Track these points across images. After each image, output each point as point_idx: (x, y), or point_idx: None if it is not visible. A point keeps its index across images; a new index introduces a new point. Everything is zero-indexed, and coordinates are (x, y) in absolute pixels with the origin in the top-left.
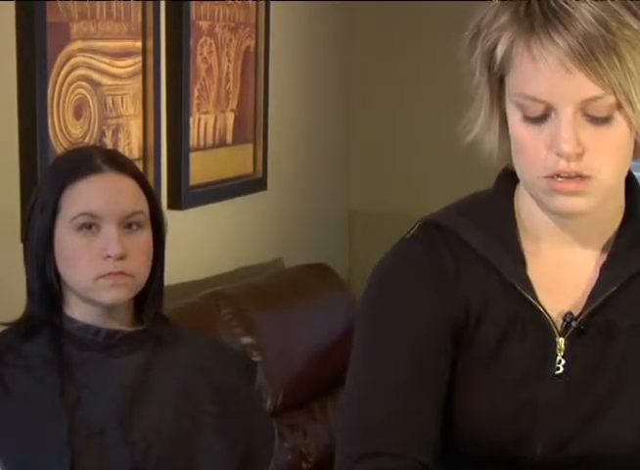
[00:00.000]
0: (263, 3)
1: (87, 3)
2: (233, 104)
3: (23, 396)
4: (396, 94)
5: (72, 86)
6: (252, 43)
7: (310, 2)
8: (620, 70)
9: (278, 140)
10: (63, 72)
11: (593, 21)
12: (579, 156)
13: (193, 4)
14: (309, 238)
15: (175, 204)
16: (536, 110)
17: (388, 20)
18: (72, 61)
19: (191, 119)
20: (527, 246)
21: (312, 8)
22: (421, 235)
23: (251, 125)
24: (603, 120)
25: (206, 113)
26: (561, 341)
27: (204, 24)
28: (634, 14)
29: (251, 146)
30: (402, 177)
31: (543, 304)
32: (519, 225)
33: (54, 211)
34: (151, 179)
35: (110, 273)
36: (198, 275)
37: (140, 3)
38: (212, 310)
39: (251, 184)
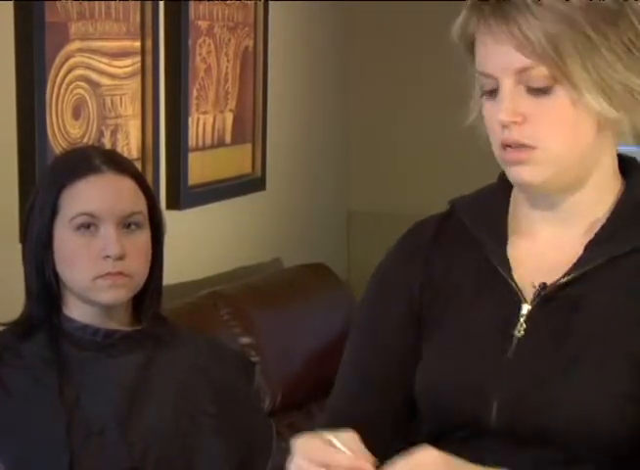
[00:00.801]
0: (262, 3)
1: (86, 3)
2: (232, 104)
3: (22, 395)
4: (395, 94)
5: (71, 86)
6: (251, 43)
7: (309, 2)
8: (550, 44)
9: (277, 140)
10: (61, 73)
11: None
12: (520, 125)
13: (191, 4)
14: (308, 238)
15: (174, 204)
16: (490, 84)
17: (387, 20)
18: (71, 61)
19: (190, 119)
20: (516, 226)
21: (311, 8)
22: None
23: (250, 125)
24: (542, 92)
25: (205, 113)
26: (525, 307)
27: (202, 24)
28: None
29: (249, 146)
30: (401, 178)
31: (519, 277)
32: (511, 208)
33: (53, 212)
34: (149, 179)
35: (108, 273)
36: (196, 275)
37: (139, 3)
38: (211, 310)
39: (249, 184)
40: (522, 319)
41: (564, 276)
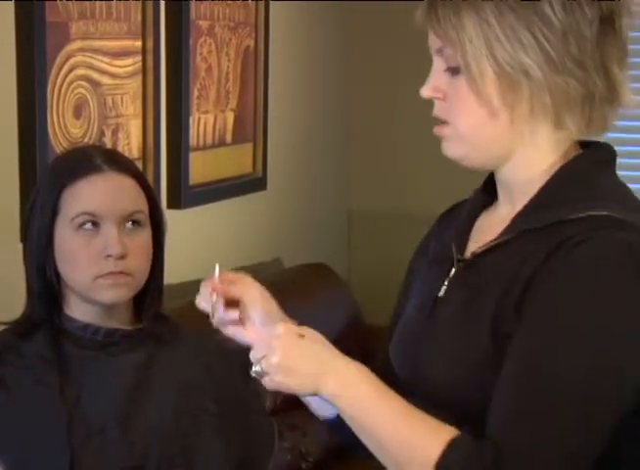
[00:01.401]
0: (263, 3)
1: (87, 3)
2: (233, 103)
3: (23, 395)
4: (395, 94)
5: (72, 86)
6: (252, 43)
7: (310, 2)
8: (453, 28)
9: (278, 140)
10: (62, 72)
11: None
12: (441, 101)
13: (192, 4)
14: (309, 238)
15: (175, 203)
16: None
17: (387, 20)
18: (72, 60)
19: (190, 119)
20: (500, 203)
21: (311, 8)
22: None
23: (251, 125)
24: (454, 71)
25: (206, 112)
26: (452, 272)
27: (203, 24)
28: None
29: (250, 145)
30: (401, 177)
31: (469, 245)
32: (499, 188)
33: (53, 211)
34: (150, 179)
35: (110, 273)
36: (197, 275)
37: (140, 3)
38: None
39: (250, 184)
40: (446, 282)
41: (483, 246)
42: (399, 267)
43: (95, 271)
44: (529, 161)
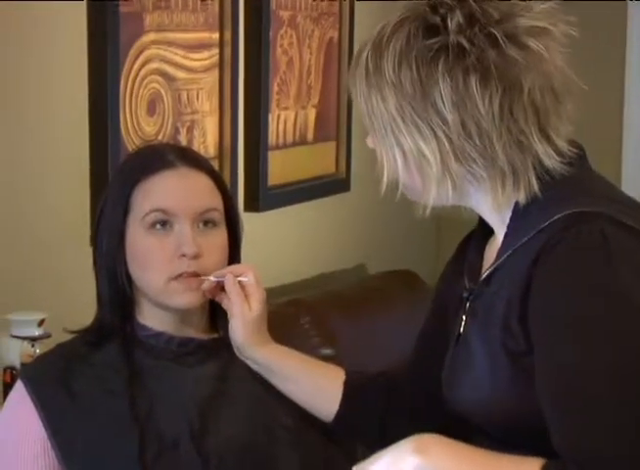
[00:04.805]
0: None
1: None
2: (315, 99)
3: (92, 407)
4: None
5: (146, 80)
6: (336, 34)
7: None
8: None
9: (362, 138)
10: (135, 66)
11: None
12: None
13: None
14: (395, 243)
15: (252, 205)
16: None
17: None
18: (146, 53)
19: (270, 116)
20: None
21: None
22: None
23: (334, 122)
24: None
25: (286, 109)
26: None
27: (284, 14)
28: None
29: (333, 144)
30: None
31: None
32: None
33: (125, 210)
34: (227, 179)
35: (184, 273)
36: (275, 281)
37: None
38: (291, 319)
39: (333, 185)
40: (463, 317)
41: (483, 275)
42: None
43: (168, 272)
44: (490, 209)
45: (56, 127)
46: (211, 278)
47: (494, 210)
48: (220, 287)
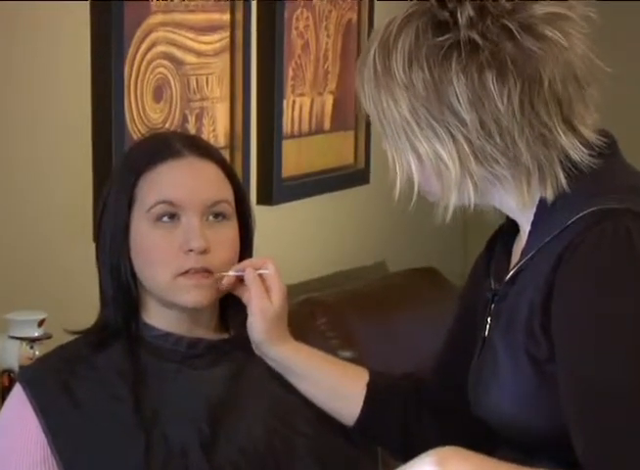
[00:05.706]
0: None
1: None
2: (332, 85)
3: (96, 412)
4: None
5: (152, 65)
6: (355, 16)
7: None
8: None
9: None
10: (141, 49)
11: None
12: None
13: None
14: (417, 238)
15: (265, 198)
16: None
17: None
18: (152, 36)
19: (284, 103)
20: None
21: None
22: None
23: (352, 110)
24: None
25: (302, 95)
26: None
27: None
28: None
29: (351, 133)
30: None
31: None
32: None
33: (129, 202)
34: (238, 170)
35: (191, 269)
36: (290, 279)
37: None
38: (307, 319)
39: (351, 176)
40: (488, 319)
41: (507, 277)
42: None
43: (175, 268)
44: (515, 209)
45: (58, 116)
46: (231, 273)
47: (519, 208)
48: (239, 280)
